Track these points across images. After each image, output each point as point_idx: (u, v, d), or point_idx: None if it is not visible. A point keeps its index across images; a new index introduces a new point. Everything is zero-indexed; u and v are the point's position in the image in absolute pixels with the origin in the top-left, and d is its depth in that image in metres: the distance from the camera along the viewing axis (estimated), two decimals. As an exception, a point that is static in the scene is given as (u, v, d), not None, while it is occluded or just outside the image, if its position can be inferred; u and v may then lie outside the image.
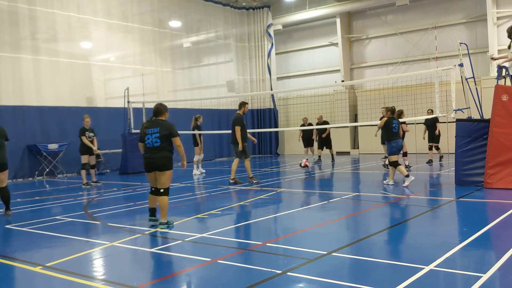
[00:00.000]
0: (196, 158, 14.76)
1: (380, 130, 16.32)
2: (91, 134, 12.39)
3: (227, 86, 21.48)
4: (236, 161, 11.50)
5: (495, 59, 10.24)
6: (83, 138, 12.18)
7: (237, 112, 11.54)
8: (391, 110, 10.51)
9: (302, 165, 14.84)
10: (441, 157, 15.75)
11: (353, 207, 8.31)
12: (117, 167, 16.52)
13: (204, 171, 14.90)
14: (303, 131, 17.68)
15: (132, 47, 18.63)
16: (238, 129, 11.16)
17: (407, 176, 10.14)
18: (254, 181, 11.35)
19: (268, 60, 23.37)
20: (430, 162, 15.26)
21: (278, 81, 24.11)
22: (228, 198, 9.49)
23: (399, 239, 5.77)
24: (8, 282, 4.69)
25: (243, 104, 11.59)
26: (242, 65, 23.46)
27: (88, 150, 12.29)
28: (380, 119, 15.93)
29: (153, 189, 6.82)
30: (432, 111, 13.43)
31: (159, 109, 6.88)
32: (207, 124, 20.67)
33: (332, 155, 18.07)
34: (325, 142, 17.74)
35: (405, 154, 13.64)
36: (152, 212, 6.89)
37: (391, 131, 10.25)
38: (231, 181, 11.40)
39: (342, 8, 21.69)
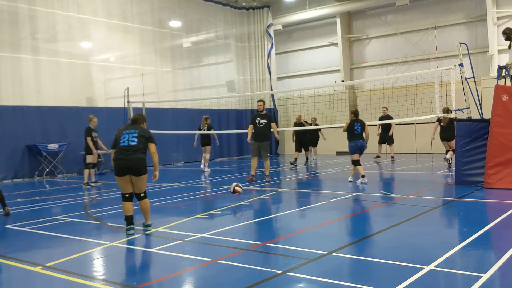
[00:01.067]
0: (207, 156, 15.61)
1: (380, 130, 16.50)
2: (95, 134, 12.56)
3: (227, 86, 21.48)
4: (264, 161, 11.85)
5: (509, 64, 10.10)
6: (88, 139, 12.31)
7: None
8: (354, 112, 11.16)
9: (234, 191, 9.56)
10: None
11: (353, 207, 8.31)
12: (117, 167, 16.48)
13: (209, 170, 15.51)
14: (308, 130, 17.57)
15: (132, 47, 18.62)
16: (249, 127, 11.79)
17: (363, 176, 10.89)
18: (254, 180, 11.69)
19: (268, 60, 23.36)
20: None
21: (278, 81, 24.11)
22: (228, 198, 9.49)
23: (399, 239, 5.77)
24: (8, 282, 4.69)
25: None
26: (242, 65, 23.45)
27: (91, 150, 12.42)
28: (379, 119, 16.07)
29: (127, 195, 6.50)
30: (450, 111, 13.03)
31: (137, 117, 6.82)
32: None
33: (307, 158, 17.11)
34: (302, 143, 16.71)
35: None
36: (130, 220, 6.45)
37: (353, 133, 10.91)
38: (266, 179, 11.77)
39: (342, 8, 21.69)
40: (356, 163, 11.06)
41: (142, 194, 6.60)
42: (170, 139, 18.69)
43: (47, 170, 14.98)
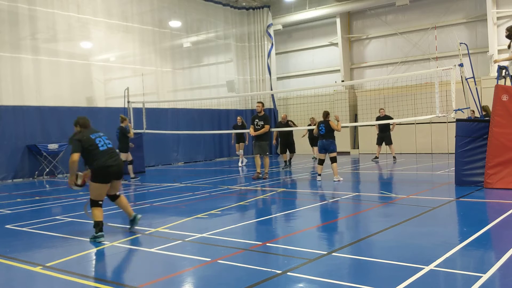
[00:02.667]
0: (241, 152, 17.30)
1: (377, 130, 16.51)
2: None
3: (227, 86, 21.48)
4: (263, 159, 12.52)
5: (497, 62, 10.22)
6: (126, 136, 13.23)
7: None
8: (323, 113, 11.73)
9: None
10: None
11: (353, 207, 8.31)
12: (117, 167, 16.48)
13: (246, 160, 17.48)
14: (308, 130, 17.52)
15: (132, 47, 18.63)
16: (250, 128, 12.56)
17: (319, 175, 11.85)
18: (260, 176, 12.38)
19: (268, 60, 23.36)
20: None
21: (278, 81, 24.11)
22: (228, 198, 9.49)
23: (399, 239, 5.77)
24: (8, 282, 4.69)
25: None
26: (242, 65, 23.45)
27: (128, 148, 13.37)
28: (377, 119, 16.06)
29: (101, 202, 6.21)
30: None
31: (86, 121, 6.37)
32: (207, 124, 20.73)
33: (290, 159, 15.80)
34: (288, 144, 15.49)
35: None
36: (102, 227, 6.09)
37: (319, 133, 11.63)
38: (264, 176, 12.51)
39: (342, 8, 21.69)
40: (319, 162, 11.86)
41: (119, 193, 6.67)
42: (170, 139, 18.70)
43: (47, 170, 14.98)
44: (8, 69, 14.59)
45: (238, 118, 17.21)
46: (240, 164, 17.21)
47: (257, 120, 12.30)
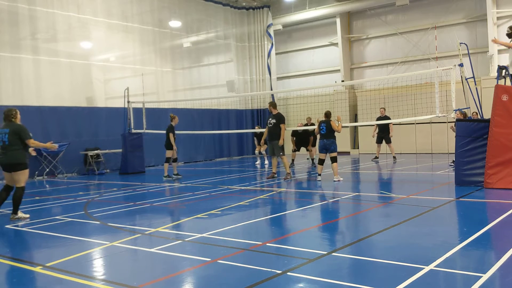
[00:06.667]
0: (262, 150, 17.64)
1: (377, 130, 16.49)
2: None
3: (227, 86, 21.48)
4: (281, 159, 12.55)
5: (497, 43, 10.21)
6: (171, 135, 13.16)
7: None
8: (325, 113, 11.75)
9: None
10: None
11: (353, 207, 8.31)
12: (117, 167, 16.53)
13: (267, 162, 17.39)
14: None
15: (132, 47, 18.62)
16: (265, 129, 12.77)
17: (319, 175, 11.85)
18: (275, 176, 12.54)
19: (268, 60, 23.36)
20: None
21: (278, 81, 24.10)
22: (228, 198, 9.49)
23: (399, 239, 5.77)
24: (9, 282, 4.69)
25: None
26: (242, 65, 23.45)
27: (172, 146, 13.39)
28: (377, 119, 16.05)
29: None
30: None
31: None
32: (207, 124, 20.73)
33: (293, 160, 16.41)
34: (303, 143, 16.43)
35: None
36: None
37: (320, 132, 11.69)
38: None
39: (342, 8, 21.70)
40: (319, 161, 11.81)
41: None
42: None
43: (47, 170, 14.98)
44: (8, 69, 14.58)
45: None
46: (266, 162, 17.60)
47: (270, 118, 12.39)
